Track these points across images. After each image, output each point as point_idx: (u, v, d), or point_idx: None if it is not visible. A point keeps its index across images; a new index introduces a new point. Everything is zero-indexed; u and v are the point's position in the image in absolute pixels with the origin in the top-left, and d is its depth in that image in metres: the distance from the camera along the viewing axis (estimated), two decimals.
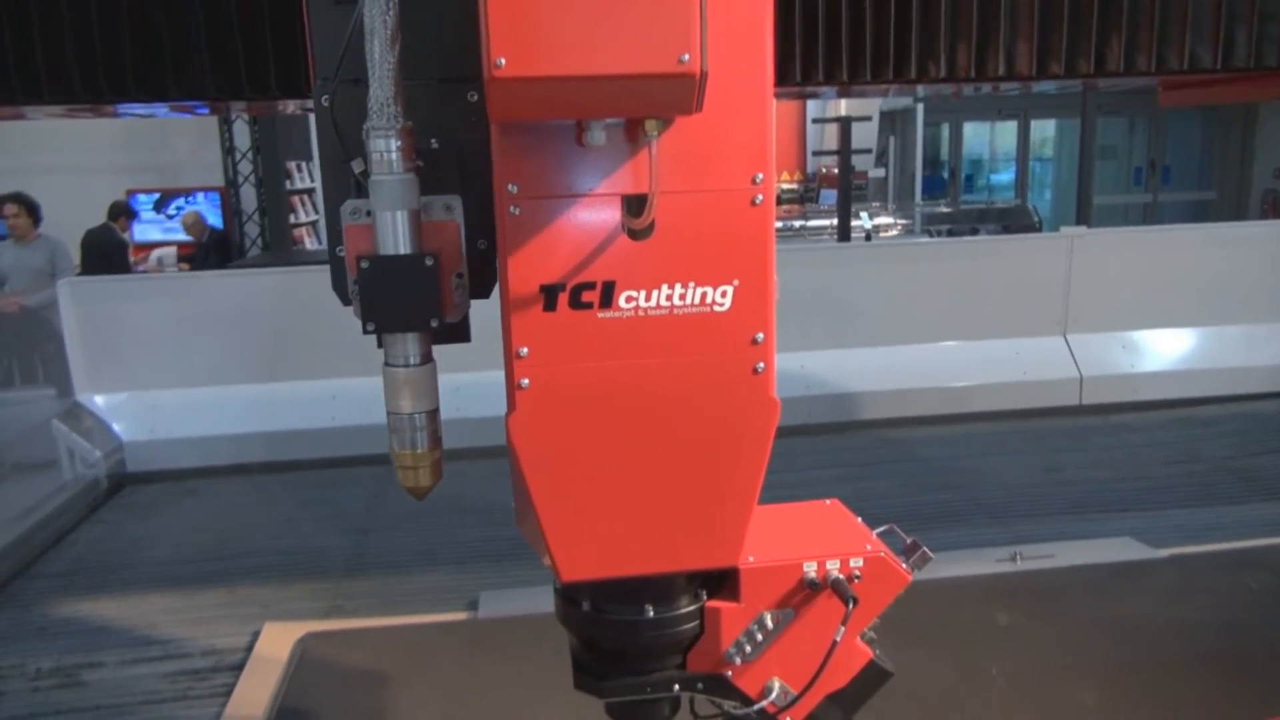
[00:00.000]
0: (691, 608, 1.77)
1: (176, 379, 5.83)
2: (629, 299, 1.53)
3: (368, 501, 5.13)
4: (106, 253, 9.21)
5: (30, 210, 7.41)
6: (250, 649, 3.52)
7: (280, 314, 5.85)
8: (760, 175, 1.54)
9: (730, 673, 1.81)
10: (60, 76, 2.11)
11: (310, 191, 13.10)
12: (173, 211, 12.00)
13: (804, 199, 13.93)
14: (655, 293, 1.54)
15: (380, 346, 1.62)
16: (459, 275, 1.64)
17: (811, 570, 1.77)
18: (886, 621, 1.83)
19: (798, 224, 12.47)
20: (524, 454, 1.58)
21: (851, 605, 1.72)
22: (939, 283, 6.49)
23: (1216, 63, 2.81)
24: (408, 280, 1.54)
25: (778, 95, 1.63)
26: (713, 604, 1.77)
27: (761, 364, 1.59)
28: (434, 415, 1.67)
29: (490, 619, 3.64)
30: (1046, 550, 3.99)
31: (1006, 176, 19.76)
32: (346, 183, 1.62)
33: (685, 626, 1.77)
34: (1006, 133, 19.31)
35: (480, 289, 1.71)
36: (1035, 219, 12.91)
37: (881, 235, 12.33)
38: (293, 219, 12.54)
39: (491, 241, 1.64)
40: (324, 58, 1.64)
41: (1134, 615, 3.46)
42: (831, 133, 11.92)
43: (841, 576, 1.76)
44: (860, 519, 1.96)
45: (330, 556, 4.46)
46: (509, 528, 1.78)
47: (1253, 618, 3.45)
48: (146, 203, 12.09)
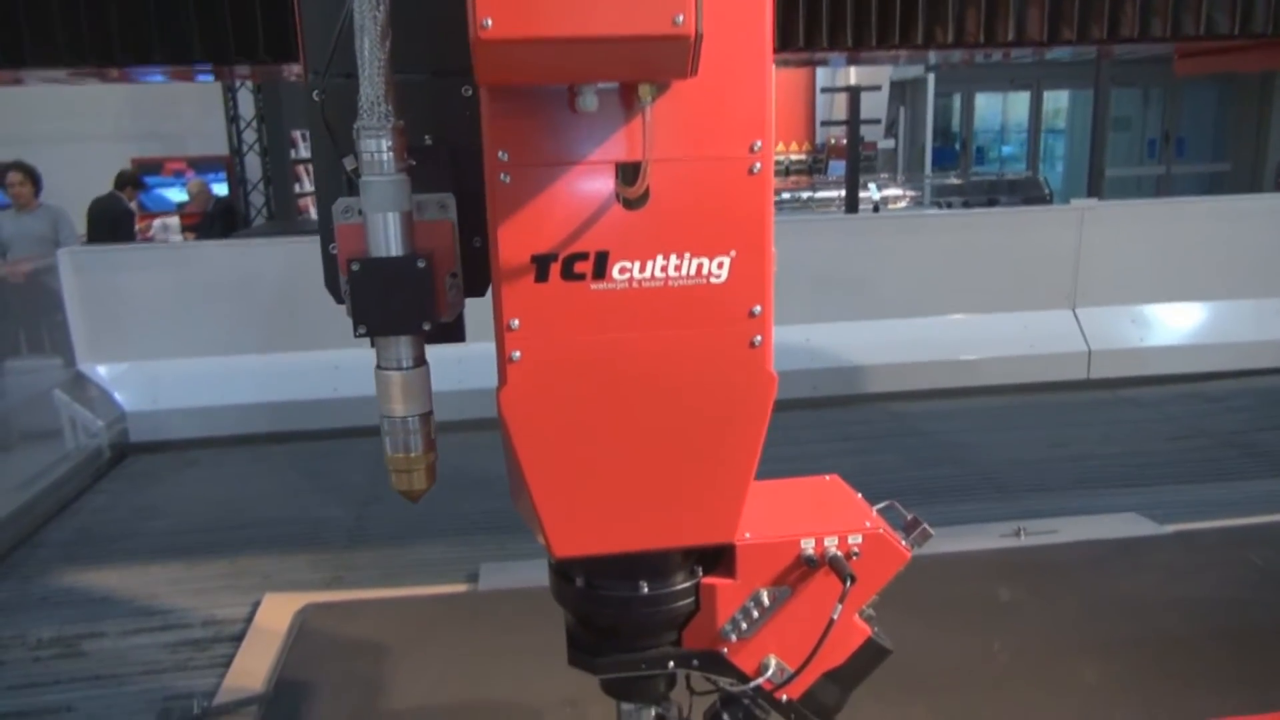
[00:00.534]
0: (687, 584, 1.74)
1: (179, 349, 5.82)
2: (623, 270, 1.49)
3: (370, 473, 5.12)
4: (113, 222, 9.19)
5: (32, 178, 7.39)
6: (251, 620, 3.52)
7: (284, 284, 5.82)
8: (759, 143, 1.49)
9: (726, 650, 1.78)
10: (46, 40, 2.07)
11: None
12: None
13: (812, 170, 13.82)
14: (650, 264, 1.50)
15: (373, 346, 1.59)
16: (453, 275, 1.60)
17: (809, 547, 1.74)
18: (887, 596, 1.80)
19: (805, 195, 12.38)
20: (516, 429, 1.55)
21: (849, 583, 1.69)
22: (947, 255, 6.42)
23: (1234, 28, 2.73)
24: (399, 283, 1.50)
25: (781, 61, 1.59)
26: (708, 580, 1.75)
27: (759, 337, 1.55)
28: (428, 418, 1.64)
29: (490, 591, 3.63)
30: (1051, 525, 3.96)
31: (1016, 148, 19.60)
32: (339, 179, 1.58)
33: (680, 603, 1.74)
34: (1018, 104, 19.12)
35: (475, 287, 1.67)
36: (1046, 191, 12.79)
37: (890, 207, 12.23)
38: (298, 188, 12.49)
39: (485, 239, 1.60)
40: (314, 51, 1.59)
41: (1138, 591, 3.43)
42: (840, 102, 11.80)
43: (839, 554, 1.74)
44: (860, 495, 1.93)
45: (332, 528, 4.45)
46: (508, 499, 1.76)
47: (1259, 595, 3.42)
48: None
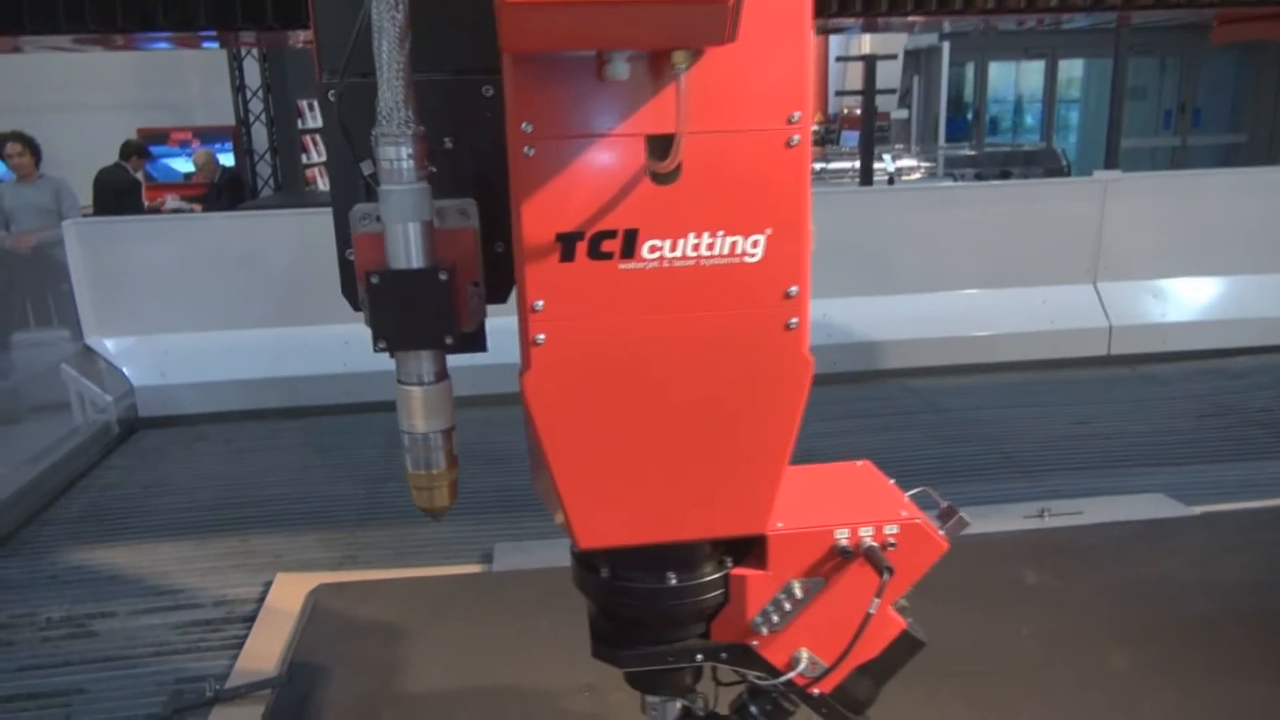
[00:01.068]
0: (716, 575, 1.68)
1: (187, 323, 5.76)
2: (653, 249, 1.41)
3: (381, 449, 5.07)
4: (119, 192, 9.12)
5: (31, 149, 7.31)
6: (262, 600, 3.48)
7: (293, 257, 5.74)
8: (797, 114, 1.40)
9: (756, 643, 1.72)
10: (45, 6, 1.99)
11: (323, 131, 12.92)
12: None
13: (825, 141, 13.63)
14: (681, 242, 1.42)
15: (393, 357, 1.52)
16: (474, 284, 1.53)
17: (844, 538, 1.67)
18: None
19: (818, 166, 12.22)
20: (540, 415, 1.48)
21: (887, 576, 1.62)
22: (966, 228, 6.30)
23: None
24: (421, 296, 1.44)
25: None
26: (738, 571, 1.68)
27: (795, 319, 1.48)
28: (450, 433, 1.58)
29: (505, 572, 3.58)
30: (1075, 506, 3.89)
31: (1029, 119, 19.37)
32: (355, 182, 1.50)
33: (709, 595, 1.68)
34: (1031, 74, 18.88)
35: (497, 294, 1.60)
36: (1064, 163, 12.60)
37: (904, 179, 12.08)
38: (305, 159, 12.38)
39: (508, 244, 1.53)
40: (329, 47, 1.51)
41: (1166, 575, 3.36)
42: (855, 72, 11.63)
43: (875, 545, 1.67)
44: (893, 481, 1.86)
45: (343, 505, 4.40)
46: (525, 476, 1.69)
47: None
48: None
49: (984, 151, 13.79)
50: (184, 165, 12.64)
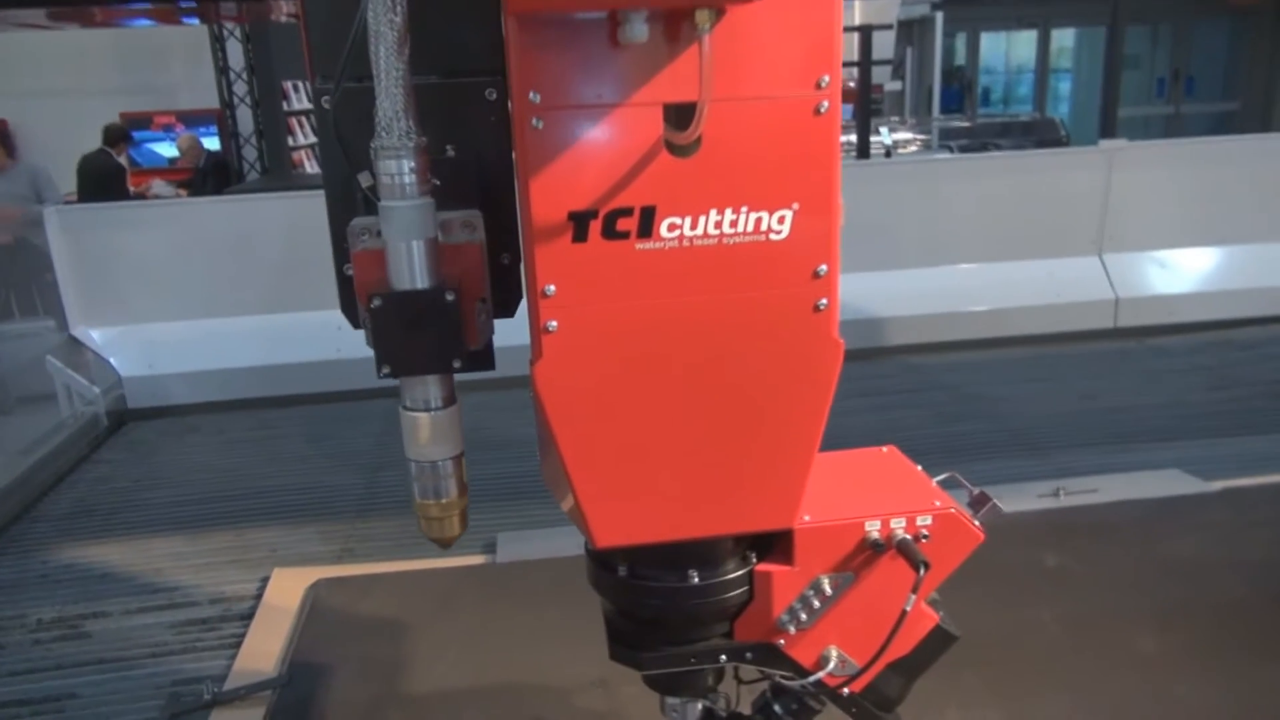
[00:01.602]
0: (740, 572, 1.59)
1: (175, 311, 5.63)
2: (672, 227, 1.31)
3: (378, 437, 4.97)
4: (103, 178, 8.96)
5: (1, 137, 7.15)
6: (259, 596, 3.38)
7: (283, 242, 5.61)
8: (826, 78, 1.30)
9: (783, 641, 1.64)
10: None
11: (309, 113, 12.73)
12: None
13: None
14: (702, 219, 1.32)
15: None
16: (482, 300, 1.42)
17: (874, 530, 1.58)
18: None
19: None
20: (552, 407, 1.38)
21: (923, 571, 1.53)
22: (968, 201, 6.19)
23: None
24: (426, 319, 1.34)
25: None
26: (763, 567, 1.60)
27: (824, 300, 1.39)
28: (459, 460, 1.48)
29: (510, 563, 3.48)
30: (1090, 484, 3.80)
31: (1021, 89, 19.26)
32: (352, 193, 1.39)
33: (733, 593, 1.60)
34: (1021, 44, 18.76)
35: (505, 308, 1.50)
36: (1063, 133, 12.49)
37: (900, 151, 11.96)
38: (291, 141, 12.20)
39: (516, 255, 1.44)
40: (321, 51, 1.40)
41: (1190, 554, 3.28)
42: (849, 42, 11.46)
43: (908, 537, 1.58)
44: (921, 468, 1.77)
45: (340, 496, 4.30)
46: (528, 462, 1.61)
47: None
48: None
49: (979, 123, 13.67)
50: (168, 150, 12.46)
